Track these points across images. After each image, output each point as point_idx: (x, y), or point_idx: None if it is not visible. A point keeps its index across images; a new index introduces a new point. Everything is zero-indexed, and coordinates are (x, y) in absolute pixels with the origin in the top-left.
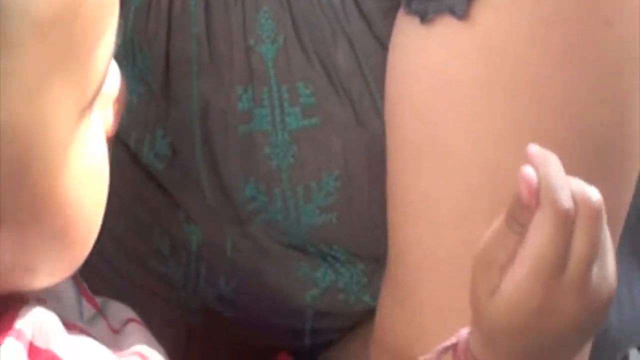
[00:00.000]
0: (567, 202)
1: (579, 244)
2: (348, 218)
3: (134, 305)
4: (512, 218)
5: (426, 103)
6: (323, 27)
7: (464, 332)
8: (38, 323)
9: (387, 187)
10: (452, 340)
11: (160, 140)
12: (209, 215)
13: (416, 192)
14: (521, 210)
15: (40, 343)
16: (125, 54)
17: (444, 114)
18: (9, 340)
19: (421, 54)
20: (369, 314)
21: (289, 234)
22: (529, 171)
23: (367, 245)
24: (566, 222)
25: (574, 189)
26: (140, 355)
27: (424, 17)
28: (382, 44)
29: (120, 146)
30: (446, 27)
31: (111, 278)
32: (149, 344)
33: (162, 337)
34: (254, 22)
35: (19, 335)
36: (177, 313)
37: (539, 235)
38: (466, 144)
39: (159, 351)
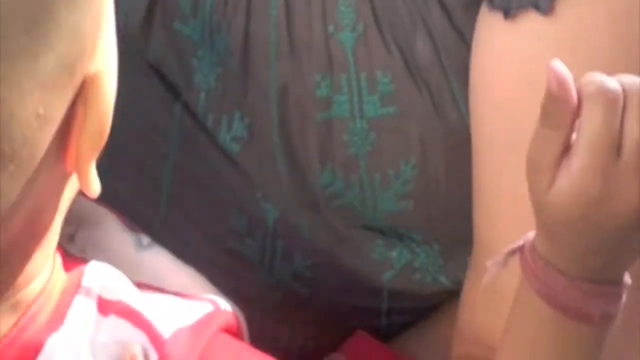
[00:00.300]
0: (614, 86)
1: (630, 129)
2: (424, 205)
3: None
4: (547, 115)
5: (511, 97)
6: (403, 17)
7: (530, 234)
8: (104, 277)
9: (473, 180)
10: (519, 242)
11: (238, 122)
12: (284, 197)
13: (502, 187)
14: (555, 105)
15: (109, 296)
16: (203, 35)
17: (527, 108)
18: (79, 299)
19: (505, 49)
20: (445, 295)
21: (365, 219)
22: (557, 64)
23: (443, 230)
24: (616, 107)
25: (620, 77)
26: (212, 302)
27: (508, 13)
28: (462, 37)
29: (197, 126)
30: (530, 22)
31: (189, 258)
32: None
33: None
34: (333, 9)
35: (88, 292)
36: (254, 291)
37: (590, 124)
38: None
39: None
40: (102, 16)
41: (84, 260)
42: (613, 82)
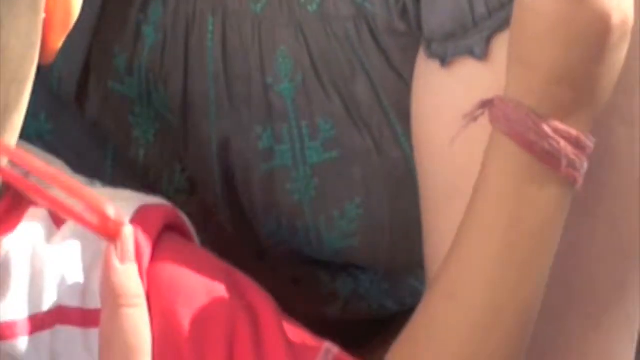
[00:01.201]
0: None
1: None
2: (369, 240)
3: None
4: None
5: (458, 148)
6: (341, 62)
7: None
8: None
9: (422, 226)
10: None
11: (179, 176)
12: (228, 247)
13: (447, 230)
14: None
15: None
16: (140, 93)
17: (469, 156)
18: (32, 210)
19: (443, 97)
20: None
21: (310, 257)
22: None
23: (388, 259)
24: None
25: None
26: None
27: (444, 60)
28: (400, 77)
29: (138, 182)
30: (466, 69)
31: None
32: None
33: None
34: (271, 61)
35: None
36: None
37: None
38: None
39: None
40: None
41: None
42: None
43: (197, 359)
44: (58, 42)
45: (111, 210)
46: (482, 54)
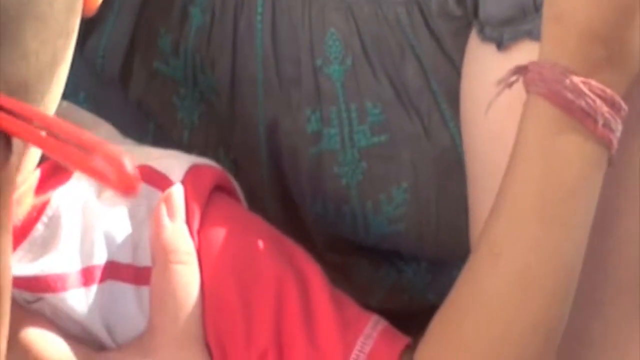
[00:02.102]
0: None
1: None
2: (416, 226)
3: None
4: None
5: (505, 127)
6: (391, 46)
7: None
8: None
9: (469, 210)
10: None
11: (223, 158)
12: None
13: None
14: None
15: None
16: (185, 74)
17: None
18: None
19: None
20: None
21: (356, 244)
22: None
23: (433, 248)
24: None
25: None
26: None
27: (501, 44)
28: (451, 62)
29: None
30: (525, 53)
31: None
32: None
33: None
34: (321, 44)
35: None
36: None
37: None
38: None
39: None
40: None
41: None
42: None
43: (245, 319)
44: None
45: (129, 164)
46: None
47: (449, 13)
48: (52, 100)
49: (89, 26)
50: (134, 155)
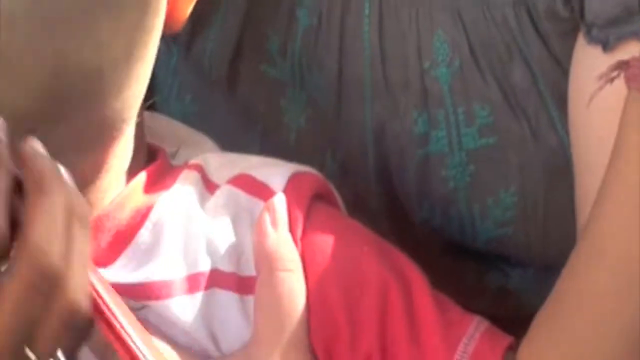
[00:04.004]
0: None
1: None
2: (523, 229)
3: None
4: None
5: (613, 130)
6: (499, 48)
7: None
8: (211, 162)
9: (576, 212)
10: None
11: (330, 161)
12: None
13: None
14: None
15: (215, 178)
16: (293, 76)
17: None
18: (186, 172)
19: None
20: None
21: (461, 248)
22: None
23: (540, 251)
24: None
25: None
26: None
27: (607, 45)
28: (559, 63)
29: None
30: (631, 54)
31: None
32: None
33: None
34: (429, 46)
35: (195, 168)
36: None
37: None
38: None
39: None
40: None
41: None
42: None
43: (350, 325)
44: (187, 7)
45: None
46: None
47: (556, 14)
48: (132, 97)
49: (195, 29)
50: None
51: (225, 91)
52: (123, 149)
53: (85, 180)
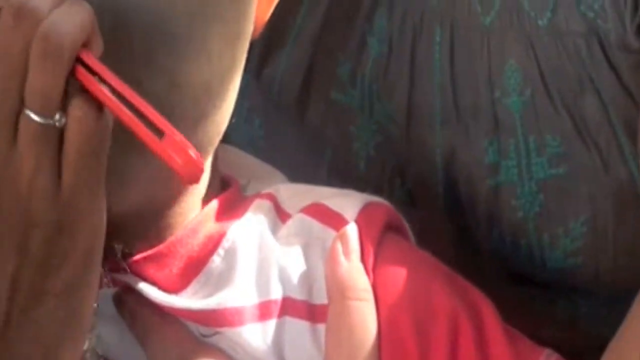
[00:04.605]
0: None
1: None
2: (593, 259)
3: None
4: None
5: None
6: (571, 78)
7: None
8: (284, 192)
9: None
10: None
11: (399, 188)
12: (450, 262)
13: None
14: None
15: (288, 208)
16: (362, 104)
17: None
18: (259, 201)
19: None
20: None
21: (529, 277)
22: None
23: (610, 280)
24: None
25: None
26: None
27: None
28: (630, 94)
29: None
30: None
31: None
32: None
33: None
34: (500, 75)
35: (268, 197)
36: None
37: None
38: None
39: None
40: None
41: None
42: None
43: (421, 356)
44: (265, 14)
45: (194, 152)
46: None
47: (628, 46)
48: (227, 108)
49: (266, 52)
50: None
51: (294, 116)
52: (204, 174)
53: (169, 201)
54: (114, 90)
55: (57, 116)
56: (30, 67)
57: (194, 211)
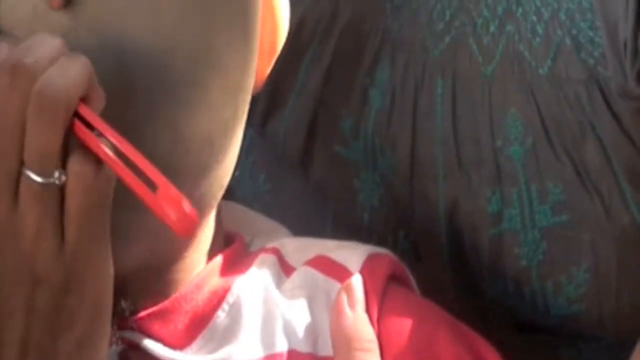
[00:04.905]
0: None
1: None
2: (596, 305)
3: None
4: None
5: None
6: (572, 126)
7: None
8: (287, 246)
9: None
10: None
11: (403, 240)
12: (451, 311)
13: None
14: None
15: (291, 261)
16: (365, 157)
17: None
18: (263, 255)
19: None
20: None
21: (532, 324)
22: None
23: (614, 325)
24: None
25: None
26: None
27: None
28: (631, 140)
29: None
30: None
31: None
32: None
33: None
34: (501, 125)
35: (272, 251)
36: None
37: None
38: None
39: None
40: None
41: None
42: None
43: None
44: (266, 68)
45: (187, 206)
46: None
47: (628, 92)
48: (230, 163)
49: (269, 108)
50: (313, 248)
51: (298, 171)
52: (207, 230)
53: (174, 256)
54: (112, 144)
55: (56, 174)
56: (28, 126)
57: (198, 267)
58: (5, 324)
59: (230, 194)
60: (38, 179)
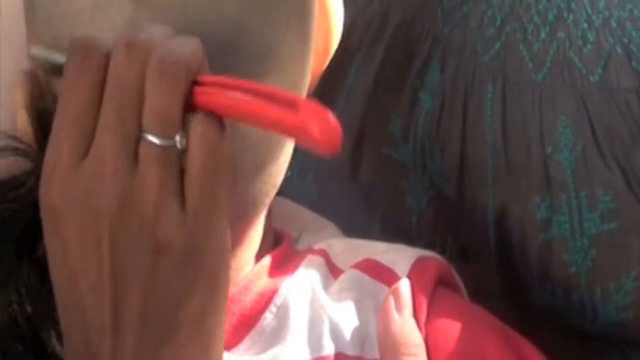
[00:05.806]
0: None
1: None
2: None
3: None
4: None
5: None
6: (622, 133)
7: None
8: (336, 247)
9: None
10: None
11: (451, 244)
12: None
13: None
14: None
15: (339, 264)
16: (415, 160)
17: None
18: (310, 257)
19: None
20: None
21: (580, 332)
22: None
23: None
24: None
25: None
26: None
27: None
28: None
29: None
30: None
31: None
32: None
33: None
34: (551, 132)
35: (320, 253)
36: None
37: None
38: None
39: None
40: None
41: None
42: None
43: None
44: (319, 70)
45: (333, 118)
46: None
47: None
48: (284, 161)
49: None
50: (361, 250)
51: (346, 172)
52: (258, 229)
53: None
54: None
55: (177, 137)
56: (147, 92)
57: (247, 266)
58: (124, 293)
59: (278, 194)
60: (158, 141)
